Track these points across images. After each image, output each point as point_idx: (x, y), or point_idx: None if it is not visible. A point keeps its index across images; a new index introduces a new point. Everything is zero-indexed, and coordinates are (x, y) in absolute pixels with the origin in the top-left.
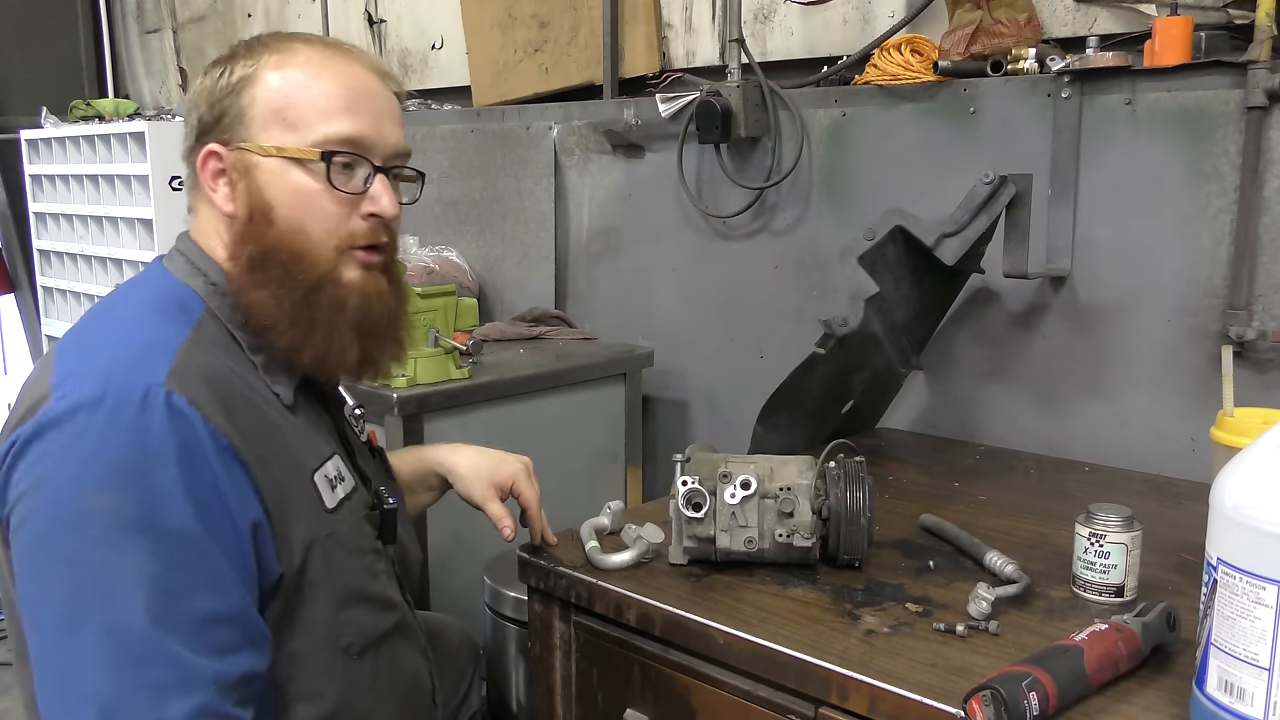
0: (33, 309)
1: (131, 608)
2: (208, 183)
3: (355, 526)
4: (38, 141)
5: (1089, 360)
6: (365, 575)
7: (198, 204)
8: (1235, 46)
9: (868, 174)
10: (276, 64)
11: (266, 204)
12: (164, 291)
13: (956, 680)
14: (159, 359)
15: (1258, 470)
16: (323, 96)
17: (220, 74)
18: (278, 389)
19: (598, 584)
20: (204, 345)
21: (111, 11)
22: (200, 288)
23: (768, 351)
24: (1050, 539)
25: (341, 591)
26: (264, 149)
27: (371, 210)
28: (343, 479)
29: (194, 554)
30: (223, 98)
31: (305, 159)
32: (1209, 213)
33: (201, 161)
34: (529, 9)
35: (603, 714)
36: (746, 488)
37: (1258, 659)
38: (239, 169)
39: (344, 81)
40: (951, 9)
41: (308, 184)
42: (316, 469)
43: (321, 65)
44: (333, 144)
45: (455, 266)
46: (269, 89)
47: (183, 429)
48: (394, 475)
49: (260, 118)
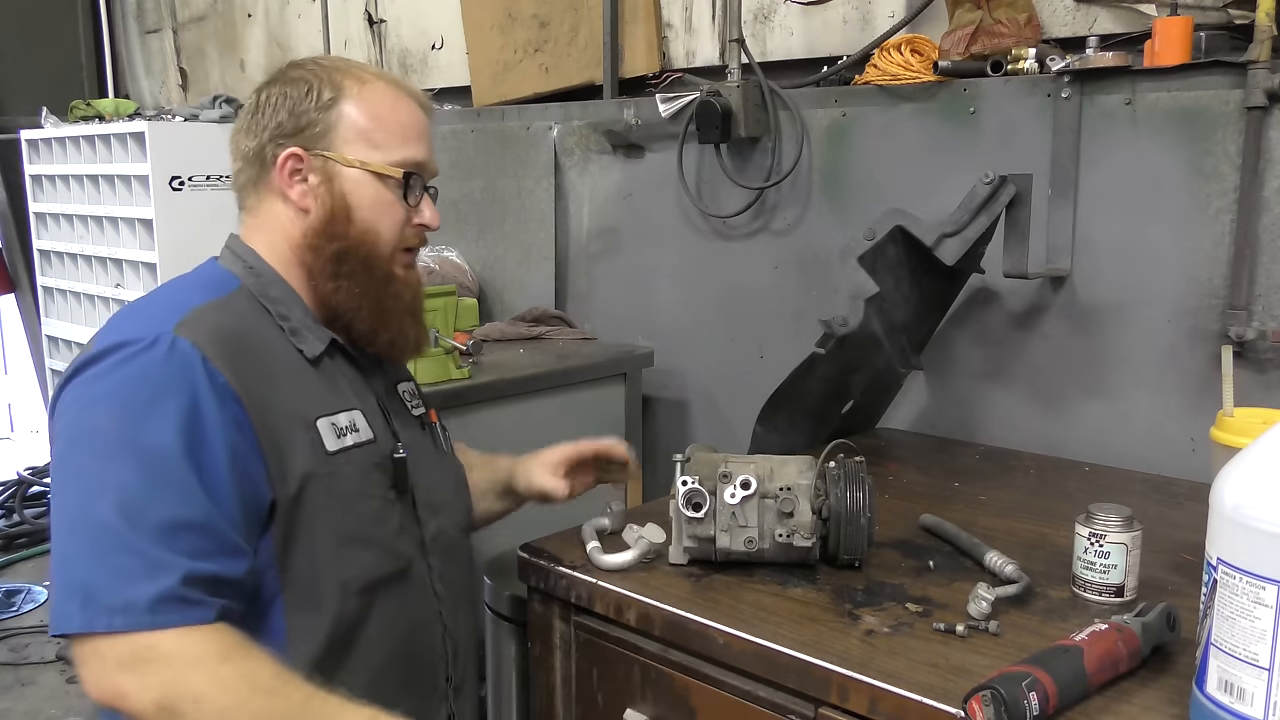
0: (33, 309)
1: (110, 508)
2: (283, 180)
3: (362, 473)
4: (38, 141)
5: (1089, 360)
6: (369, 520)
7: (260, 198)
8: (1235, 46)
9: (868, 174)
10: (358, 91)
11: (348, 207)
12: (205, 274)
13: (956, 680)
14: (175, 313)
15: (1258, 470)
16: (400, 125)
17: (306, 90)
18: (303, 346)
19: (598, 584)
20: (224, 309)
21: (111, 11)
22: (240, 271)
23: (768, 351)
24: (1050, 539)
25: (342, 529)
26: (349, 160)
27: (420, 222)
28: (356, 429)
29: (171, 470)
30: (310, 110)
31: (387, 175)
32: (1209, 213)
33: (282, 161)
34: (529, 9)
35: (603, 714)
36: (746, 488)
37: (1258, 659)
38: (321, 173)
39: (413, 114)
40: (951, 9)
41: (384, 195)
42: (323, 415)
43: (395, 98)
44: (409, 166)
45: (455, 266)
46: (355, 111)
47: (183, 365)
48: (447, 448)
49: (346, 133)
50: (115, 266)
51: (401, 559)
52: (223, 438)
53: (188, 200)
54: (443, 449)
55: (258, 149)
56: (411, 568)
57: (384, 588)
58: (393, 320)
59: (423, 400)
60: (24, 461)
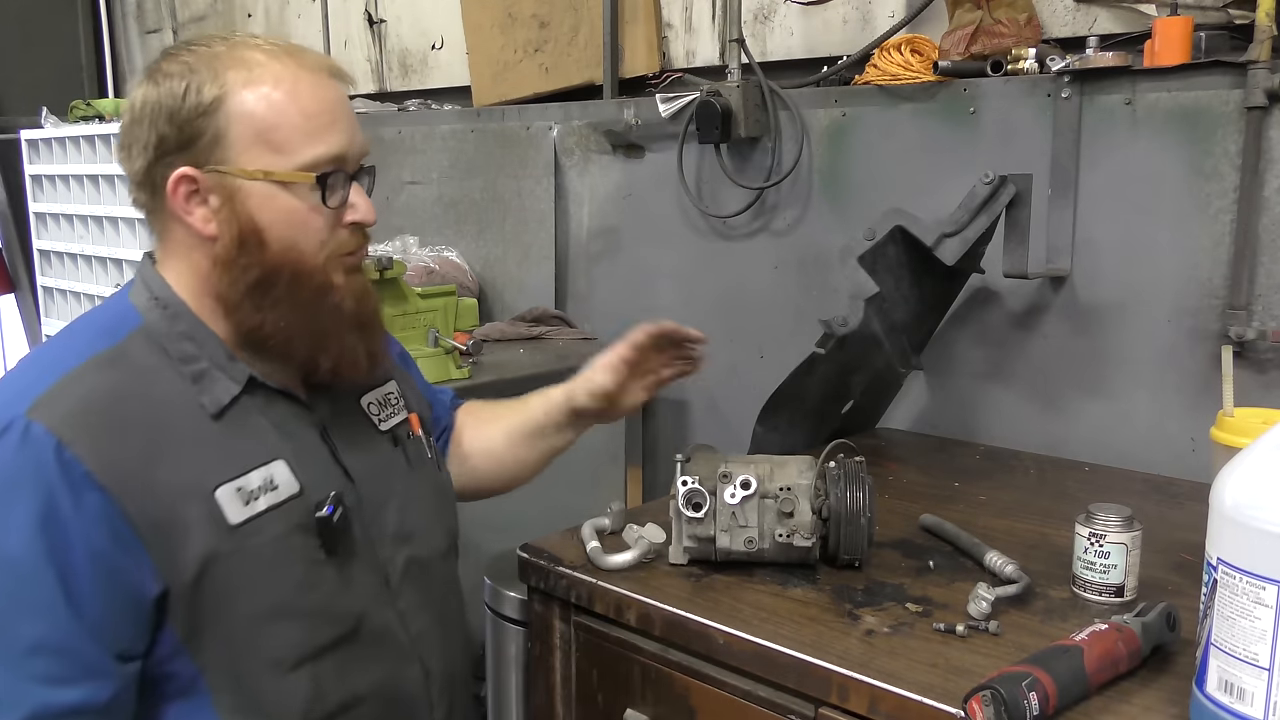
0: (33, 309)
1: None
2: (180, 206)
3: (279, 540)
4: (38, 141)
5: (1089, 360)
6: (292, 590)
7: (162, 224)
8: (1235, 46)
9: (868, 174)
10: (245, 81)
11: (258, 227)
12: (107, 313)
13: (956, 680)
14: (35, 388)
15: (1258, 470)
16: (303, 116)
17: (184, 91)
18: (205, 398)
19: (598, 584)
20: (107, 366)
21: (111, 11)
22: (144, 305)
23: (768, 351)
24: (1050, 539)
25: (260, 606)
26: (250, 173)
27: (353, 219)
28: (273, 487)
29: (25, 583)
30: (193, 118)
31: (296, 182)
32: (1209, 213)
33: (173, 185)
34: (529, 9)
35: (603, 714)
36: (746, 488)
37: (1258, 659)
38: (221, 192)
39: (317, 95)
40: (951, 9)
41: (297, 205)
42: (225, 482)
43: (292, 80)
44: (321, 165)
45: (455, 266)
46: (247, 110)
47: (35, 456)
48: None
49: (241, 140)
50: (115, 266)
51: (344, 620)
52: (82, 539)
53: None
54: (421, 462)
55: (145, 170)
56: (363, 624)
57: (327, 656)
58: (333, 341)
59: (406, 402)
60: None
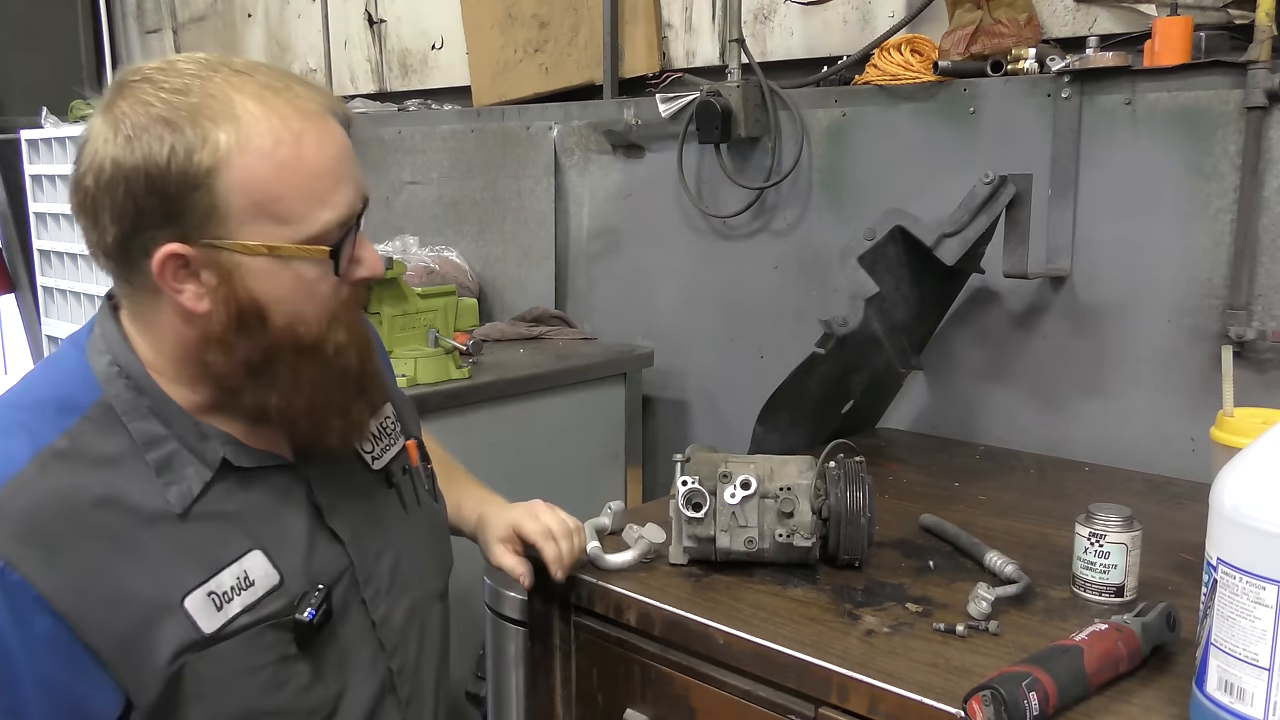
0: (33, 309)
1: None
2: (166, 284)
3: (251, 641)
4: (38, 141)
5: (1089, 360)
6: (263, 690)
7: (136, 294)
8: (1235, 46)
9: (868, 174)
10: (241, 143)
11: (260, 305)
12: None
13: (956, 680)
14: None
15: (1258, 470)
16: (307, 180)
17: (167, 156)
18: (173, 492)
19: (598, 584)
20: (57, 464)
21: (111, 11)
22: (103, 373)
23: (768, 351)
24: (1050, 539)
25: (228, 711)
26: (251, 248)
27: (362, 276)
28: (248, 584)
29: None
30: (182, 190)
31: (306, 257)
32: (1209, 213)
33: (159, 263)
34: (529, 9)
35: (603, 714)
36: (746, 488)
37: (1258, 659)
38: (216, 269)
39: (322, 152)
40: (951, 9)
41: (305, 275)
42: (195, 588)
43: (293, 139)
44: (332, 233)
45: (455, 266)
46: (245, 179)
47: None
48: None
49: (240, 213)
50: None
51: (317, 713)
52: (30, 669)
53: None
54: (414, 503)
55: (118, 243)
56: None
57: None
58: (337, 413)
59: (402, 427)
60: None
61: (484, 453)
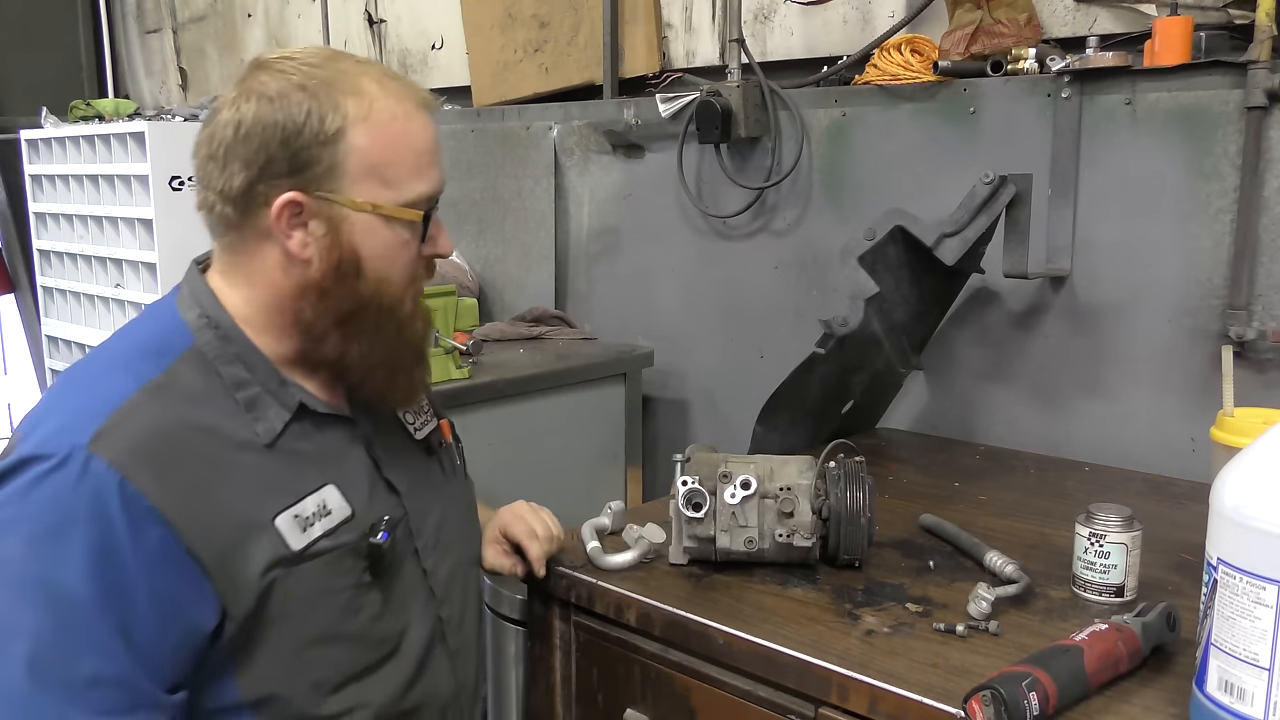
0: (33, 309)
1: (13, 662)
2: (279, 227)
3: (330, 565)
4: (38, 141)
5: (1089, 360)
6: (338, 615)
7: (243, 238)
8: (1235, 46)
9: (868, 174)
10: (364, 114)
11: (359, 258)
12: (152, 332)
13: (956, 680)
14: (94, 419)
15: (1258, 470)
16: (413, 154)
17: (305, 116)
18: (260, 426)
19: (598, 584)
20: (163, 394)
21: (111, 11)
22: (195, 322)
23: (768, 351)
24: (1050, 539)
25: (306, 631)
26: (359, 205)
27: (434, 253)
28: (326, 512)
29: (84, 618)
30: (311, 145)
31: (402, 218)
32: (1209, 213)
33: (279, 208)
34: (529, 9)
35: (603, 714)
36: (746, 488)
37: (1258, 659)
38: (326, 219)
39: (423, 134)
40: (951, 9)
41: (397, 239)
42: (283, 510)
43: (406, 117)
44: (423, 203)
45: (455, 266)
46: (365, 144)
47: (97, 491)
48: (460, 463)
49: (355, 172)
50: (115, 266)
51: (385, 644)
52: (143, 574)
53: (188, 200)
54: (452, 471)
55: (244, 187)
56: (403, 644)
57: (367, 676)
58: (404, 374)
59: (435, 410)
60: None
61: (484, 453)
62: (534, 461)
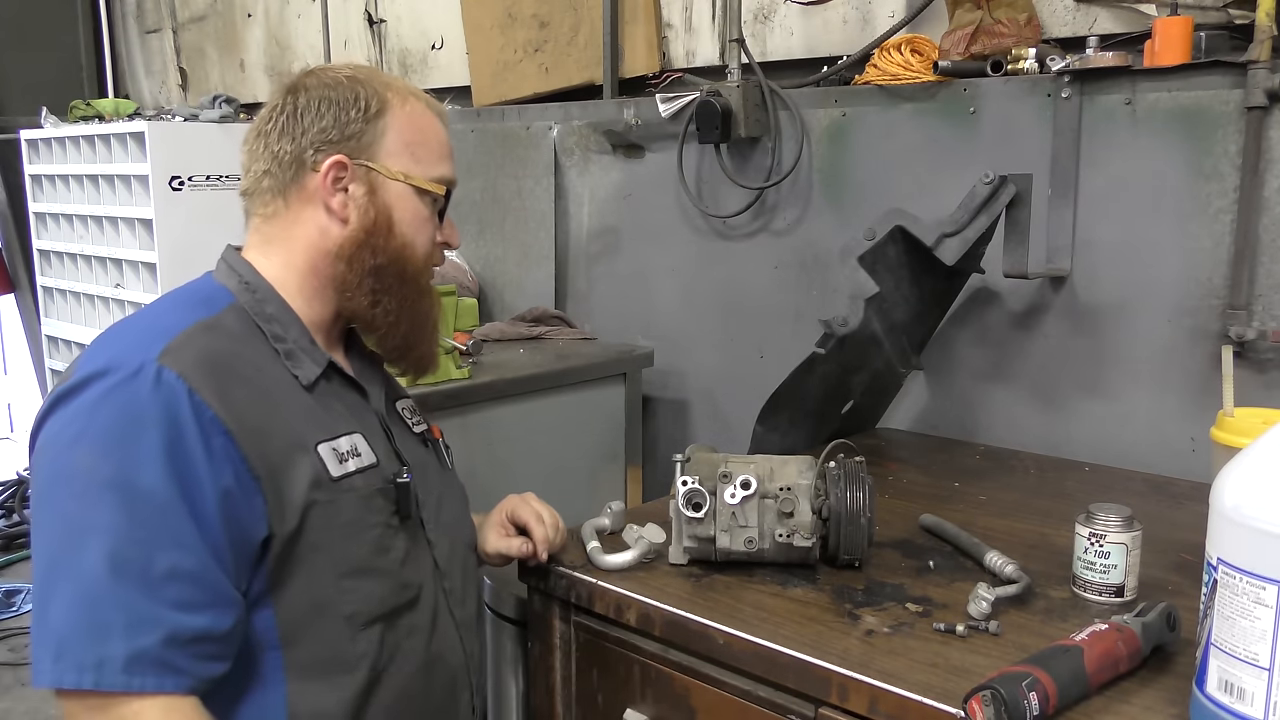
0: (33, 309)
1: (94, 556)
2: (325, 187)
3: (364, 500)
4: (38, 141)
5: (1089, 360)
6: (371, 549)
7: (289, 204)
8: (1235, 46)
9: (868, 174)
10: (402, 102)
11: (390, 220)
12: (197, 289)
13: (956, 680)
14: (161, 337)
15: (1258, 470)
16: (438, 141)
17: (355, 95)
18: (298, 372)
19: (598, 584)
20: (214, 329)
21: (111, 11)
22: (234, 286)
23: (768, 351)
24: (1050, 539)
25: (344, 561)
26: (393, 173)
27: (444, 239)
28: (358, 454)
29: (160, 513)
30: (358, 118)
31: (428, 190)
32: (1209, 213)
33: (327, 168)
34: (529, 9)
35: (603, 714)
36: (746, 488)
37: (1258, 659)
38: (365, 182)
39: (444, 134)
40: (951, 9)
41: (421, 210)
42: (323, 441)
43: (432, 117)
44: (444, 184)
45: (455, 266)
46: (402, 124)
47: (167, 398)
48: (450, 466)
49: (392, 145)
50: (115, 266)
51: (410, 589)
52: (211, 477)
53: (187, 200)
54: (446, 466)
55: (296, 153)
56: (421, 597)
57: (394, 620)
58: (424, 337)
59: (423, 416)
60: (24, 462)
61: (484, 453)
62: (534, 461)
